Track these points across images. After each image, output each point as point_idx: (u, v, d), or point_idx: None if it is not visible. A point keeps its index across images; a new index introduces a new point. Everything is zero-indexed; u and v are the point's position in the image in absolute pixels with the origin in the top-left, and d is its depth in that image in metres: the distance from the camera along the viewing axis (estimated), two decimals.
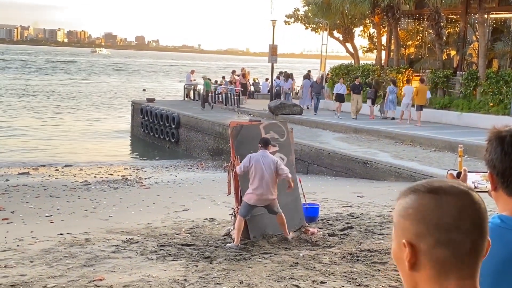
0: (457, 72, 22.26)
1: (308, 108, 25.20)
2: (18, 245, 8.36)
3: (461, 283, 1.17)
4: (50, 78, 70.02)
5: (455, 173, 1.97)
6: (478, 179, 1.91)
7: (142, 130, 27.43)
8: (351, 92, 22.47)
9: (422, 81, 20.77)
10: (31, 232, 9.36)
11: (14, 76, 70.53)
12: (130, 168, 19.53)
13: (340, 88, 22.82)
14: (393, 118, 21.41)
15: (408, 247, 1.19)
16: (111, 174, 17.61)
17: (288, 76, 28.22)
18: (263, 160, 8.04)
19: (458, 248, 1.16)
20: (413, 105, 20.15)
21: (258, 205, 8.19)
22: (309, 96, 25.39)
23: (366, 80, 24.30)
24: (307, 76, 27.82)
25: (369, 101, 22.45)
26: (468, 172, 1.94)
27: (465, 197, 1.19)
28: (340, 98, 22.68)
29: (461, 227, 1.16)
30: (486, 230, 1.21)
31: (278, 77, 29.37)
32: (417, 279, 1.20)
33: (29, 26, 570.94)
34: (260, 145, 8.23)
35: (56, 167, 19.06)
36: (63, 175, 17.36)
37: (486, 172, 1.80)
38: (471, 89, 20.57)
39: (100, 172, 18.16)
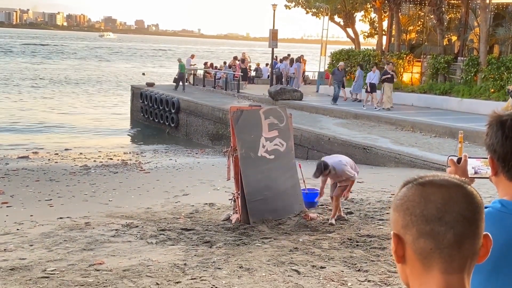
0: (458, 58, 22.19)
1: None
2: (17, 229, 8.36)
3: (445, 277, 1.15)
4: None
5: (455, 159, 1.95)
6: (478, 165, 1.89)
7: (142, 114, 27.39)
8: (382, 80, 20.54)
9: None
10: (31, 216, 9.36)
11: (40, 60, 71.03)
12: (129, 152, 19.54)
13: (374, 76, 21.10)
14: (360, 101, 22.73)
15: (394, 239, 1.18)
16: (111, 159, 17.60)
17: (293, 60, 28.15)
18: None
19: (441, 240, 1.13)
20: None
21: None
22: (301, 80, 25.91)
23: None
24: (298, 60, 28.01)
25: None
26: (469, 158, 1.93)
27: (454, 190, 1.17)
28: (372, 88, 21.04)
29: (445, 218, 1.13)
30: (477, 226, 1.17)
31: (281, 61, 29.28)
32: (406, 271, 1.20)
33: (28, 10, 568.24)
34: None
35: (55, 151, 19.04)
36: (62, 159, 17.35)
37: (487, 158, 1.79)
38: (472, 75, 20.51)
39: (100, 156, 18.15)
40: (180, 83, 27.87)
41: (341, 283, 5.90)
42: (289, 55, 30.78)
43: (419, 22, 26.38)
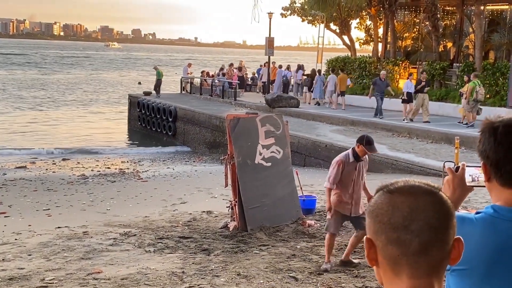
0: (454, 64, 22.30)
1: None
2: (16, 239, 8.37)
3: (412, 282, 1.18)
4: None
5: (453, 166, 1.97)
6: (476, 173, 1.91)
7: (139, 123, 27.42)
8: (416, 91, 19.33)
9: (342, 70, 24.21)
10: (29, 225, 9.37)
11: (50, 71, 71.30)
12: (127, 161, 19.55)
13: (410, 86, 19.34)
14: (319, 104, 24.25)
15: (367, 244, 1.23)
16: (108, 168, 17.62)
17: (299, 67, 28.42)
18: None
19: (406, 248, 1.17)
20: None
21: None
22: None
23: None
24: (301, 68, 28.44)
25: (305, 88, 25.81)
26: (467, 166, 1.95)
27: (422, 198, 1.19)
28: (409, 98, 19.33)
29: (411, 227, 1.17)
30: (445, 233, 1.20)
31: (287, 68, 29.46)
32: (380, 274, 1.25)
33: (25, 20, 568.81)
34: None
35: (53, 160, 19.06)
36: (60, 168, 17.36)
37: None
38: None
39: (97, 165, 18.16)
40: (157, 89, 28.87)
41: None
42: (301, 65, 30.65)
43: (415, 29, 26.52)
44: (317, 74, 24.77)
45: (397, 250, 1.18)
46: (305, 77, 26.86)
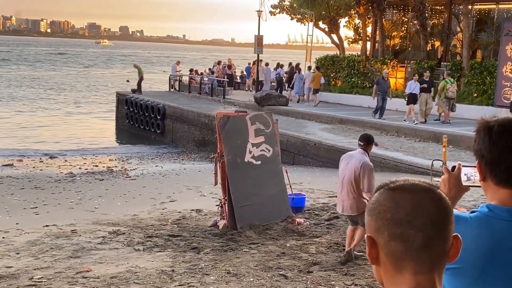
0: (442, 63, 22.42)
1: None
2: (3, 237, 8.30)
3: (415, 277, 1.20)
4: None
5: (440, 163, 1.98)
6: (471, 172, 1.93)
7: (127, 121, 27.29)
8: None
9: (317, 68, 24.95)
10: (17, 224, 9.29)
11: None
12: (115, 159, 19.45)
13: (415, 86, 18.59)
14: (299, 101, 24.74)
15: (368, 242, 1.24)
16: (96, 166, 17.52)
17: (278, 65, 28.70)
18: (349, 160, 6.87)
19: (410, 243, 1.19)
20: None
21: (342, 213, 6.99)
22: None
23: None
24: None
25: (286, 85, 26.47)
26: (463, 166, 1.96)
27: (423, 194, 1.22)
28: (414, 99, 18.63)
29: (414, 222, 1.19)
30: (445, 228, 1.22)
31: (281, 67, 29.55)
32: (380, 272, 1.25)
33: (11, 16, 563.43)
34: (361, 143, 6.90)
35: (40, 158, 18.92)
36: (47, 166, 17.24)
37: None
38: (455, 79, 20.71)
39: (85, 163, 18.06)
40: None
41: (329, 287, 5.94)
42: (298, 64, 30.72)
43: (403, 28, 26.63)
44: (296, 71, 25.51)
45: (401, 246, 1.19)
46: (286, 74, 27.46)
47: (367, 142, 6.87)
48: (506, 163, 1.70)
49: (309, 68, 25.72)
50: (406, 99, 18.77)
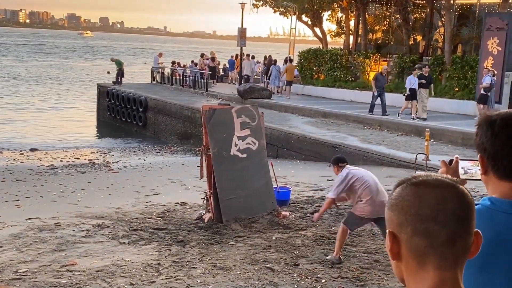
0: (423, 57, 22.58)
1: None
2: None
3: (439, 273, 1.20)
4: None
5: (423, 157, 2.00)
6: (468, 166, 1.94)
7: (109, 113, 27.06)
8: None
9: (290, 61, 25.15)
10: None
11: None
12: (97, 152, 19.28)
13: (414, 81, 17.81)
14: (277, 92, 25.00)
15: (390, 237, 1.23)
16: (78, 158, 17.35)
17: (252, 57, 28.81)
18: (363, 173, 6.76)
19: (435, 238, 1.19)
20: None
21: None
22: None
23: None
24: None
25: (265, 77, 26.83)
26: (460, 159, 1.98)
27: (447, 190, 1.21)
28: (413, 94, 17.87)
29: (438, 218, 1.19)
30: (469, 224, 1.22)
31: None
32: (402, 268, 1.25)
33: None
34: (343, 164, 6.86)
35: (21, 151, 18.69)
36: (28, 159, 17.03)
37: (477, 160, 1.83)
38: (437, 74, 20.90)
39: (66, 156, 17.87)
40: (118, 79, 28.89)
41: (315, 280, 5.97)
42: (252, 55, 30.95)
43: (385, 22, 26.75)
44: (272, 63, 25.82)
45: (425, 241, 1.19)
46: (264, 65, 27.94)
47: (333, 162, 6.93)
48: (508, 157, 1.72)
49: (286, 60, 25.85)
50: (406, 94, 18.13)
